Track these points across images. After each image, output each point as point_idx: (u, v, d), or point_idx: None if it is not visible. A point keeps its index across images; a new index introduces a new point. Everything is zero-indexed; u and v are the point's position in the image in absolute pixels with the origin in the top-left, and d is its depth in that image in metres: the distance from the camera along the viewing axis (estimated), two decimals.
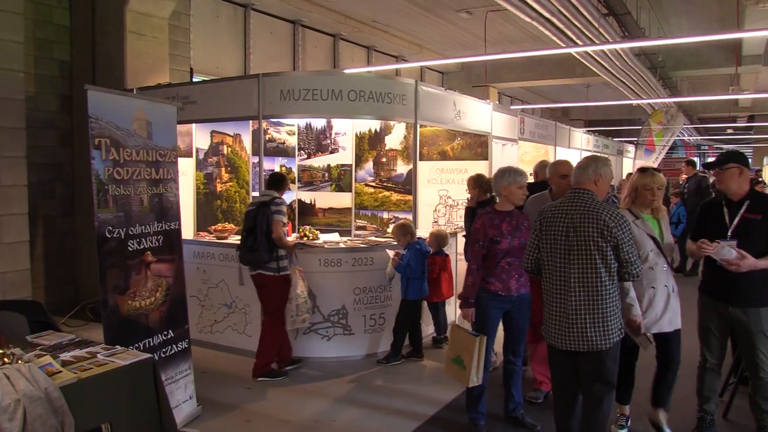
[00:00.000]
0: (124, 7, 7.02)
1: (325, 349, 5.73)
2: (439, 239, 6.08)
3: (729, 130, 28.59)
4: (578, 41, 9.11)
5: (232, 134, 6.85)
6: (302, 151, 7.54)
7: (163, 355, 4.16)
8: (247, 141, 6.86)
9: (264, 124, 6.38)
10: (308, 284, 5.37)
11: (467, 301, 4.09)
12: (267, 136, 7.00)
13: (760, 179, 17.90)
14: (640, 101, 15.17)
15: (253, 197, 6.57)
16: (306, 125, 7.48)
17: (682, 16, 12.04)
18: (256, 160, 6.47)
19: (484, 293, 4.10)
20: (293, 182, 7.42)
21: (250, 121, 6.53)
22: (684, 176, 11.76)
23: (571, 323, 3.34)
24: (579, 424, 3.52)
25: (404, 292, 5.60)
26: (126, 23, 7.05)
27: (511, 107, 14.14)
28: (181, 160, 5.55)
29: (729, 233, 3.84)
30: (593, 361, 3.36)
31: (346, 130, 7.41)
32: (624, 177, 14.36)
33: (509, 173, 4.15)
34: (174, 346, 4.29)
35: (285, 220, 5.13)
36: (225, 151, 6.87)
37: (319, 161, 7.52)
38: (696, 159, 18.60)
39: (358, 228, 7.39)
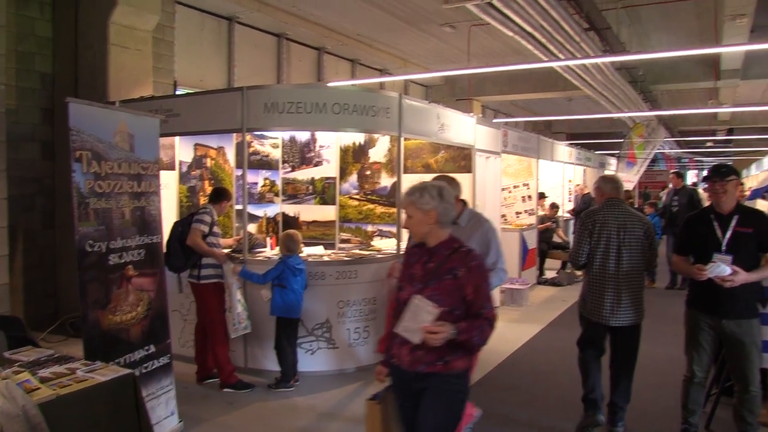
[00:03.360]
0: (108, 19, 6.99)
1: (309, 363, 5.69)
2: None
3: (709, 143, 28.97)
4: (560, 55, 9.21)
5: (215, 147, 6.83)
6: (286, 164, 7.52)
7: (144, 371, 4.10)
8: (230, 154, 6.84)
9: (248, 137, 6.38)
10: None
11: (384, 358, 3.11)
12: (251, 149, 6.98)
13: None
14: (621, 114, 15.34)
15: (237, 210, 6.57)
16: (290, 138, 7.48)
17: (662, 31, 12.23)
18: (239, 173, 6.45)
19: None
20: (277, 195, 7.40)
21: (234, 134, 6.51)
22: (670, 187, 11.48)
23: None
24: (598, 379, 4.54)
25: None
26: (109, 36, 7.02)
27: (495, 120, 14.23)
28: (163, 173, 5.52)
29: (724, 247, 3.87)
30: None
31: (331, 143, 7.42)
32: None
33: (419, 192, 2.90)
34: (155, 361, 4.24)
35: (203, 228, 5.22)
36: (208, 164, 6.84)
37: (303, 174, 7.51)
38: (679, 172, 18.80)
39: (343, 241, 7.38)
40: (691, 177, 41.42)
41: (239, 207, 6.48)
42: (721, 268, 3.74)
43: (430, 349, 2.73)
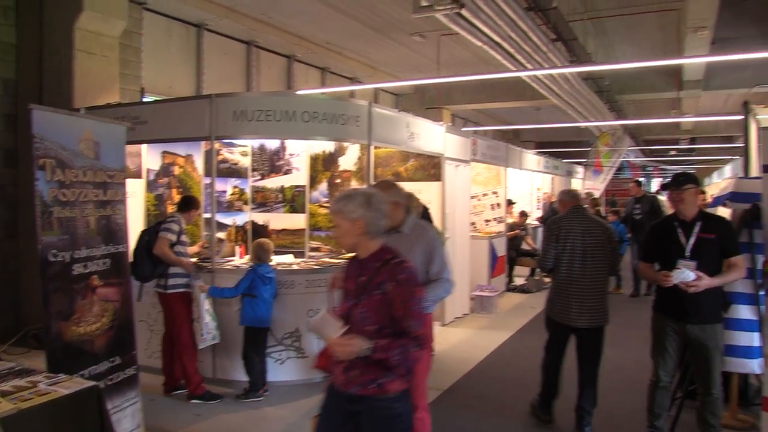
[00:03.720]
0: (73, 25, 6.88)
1: (278, 373, 5.65)
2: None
3: (672, 152, 29.62)
4: (528, 65, 9.34)
5: (183, 155, 6.75)
6: (256, 172, 7.47)
7: (109, 383, 4.03)
8: (199, 162, 6.77)
9: (216, 145, 6.32)
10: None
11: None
12: (219, 157, 6.92)
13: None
14: (587, 124, 15.59)
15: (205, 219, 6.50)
16: (259, 146, 7.43)
17: (627, 43, 12.49)
18: (208, 181, 6.39)
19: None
20: (246, 203, 7.34)
21: (203, 142, 6.45)
22: (632, 195, 11.53)
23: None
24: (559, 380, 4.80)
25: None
26: (75, 41, 6.90)
27: (464, 129, 14.35)
28: (130, 181, 5.45)
29: (688, 253, 3.96)
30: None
31: (301, 151, 7.39)
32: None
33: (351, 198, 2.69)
34: (121, 372, 4.16)
35: (170, 237, 5.17)
36: (176, 172, 6.76)
37: (273, 182, 7.46)
38: (643, 180, 19.15)
39: (313, 249, 7.34)
40: (655, 185, 42.25)
41: (207, 215, 6.41)
42: (686, 273, 3.83)
43: (364, 369, 2.58)
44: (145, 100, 8.51)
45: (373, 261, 2.65)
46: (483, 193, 11.41)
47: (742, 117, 6.56)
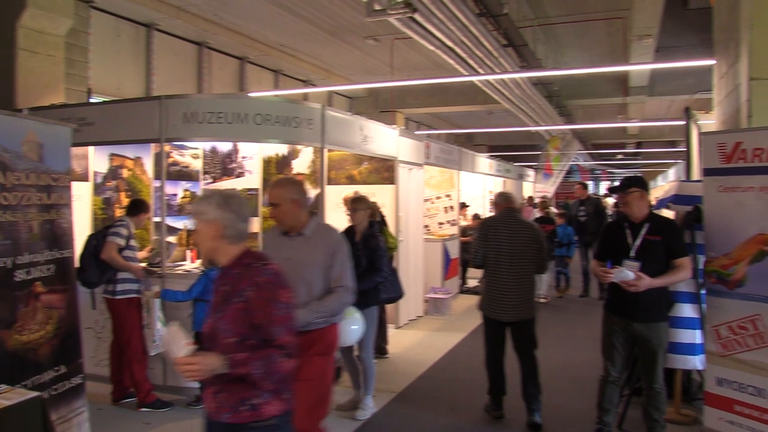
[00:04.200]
0: (16, 22, 6.64)
1: None
2: None
3: (619, 156, 30.48)
4: (480, 70, 9.47)
5: (132, 157, 6.61)
6: (207, 175, 7.36)
7: (54, 393, 3.90)
8: (148, 164, 6.63)
9: (167, 147, 6.21)
10: None
11: None
12: (170, 160, 6.79)
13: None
14: (538, 128, 15.91)
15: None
16: (211, 149, 7.32)
17: (576, 49, 12.79)
18: (158, 184, 6.27)
19: None
20: None
21: (152, 144, 6.33)
22: (576, 197, 11.69)
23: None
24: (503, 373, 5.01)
25: None
26: (17, 39, 6.66)
27: (417, 132, 14.45)
28: (76, 185, 5.29)
29: (632, 253, 4.10)
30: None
31: (253, 153, 7.32)
32: (524, 200, 14.90)
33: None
34: (66, 382, 4.04)
35: (119, 241, 5.05)
36: (125, 175, 6.61)
37: (225, 185, 7.36)
38: (590, 183, 19.60)
39: None
40: (603, 188, 43.28)
41: (158, 219, 6.29)
42: (625, 273, 3.98)
43: (230, 390, 2.31)
44: (92, 101, 8.28)
45: (234, 267, 2.44)
46: (436, 196, 11.51)
47: (684, 122, 6.79)
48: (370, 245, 4.95)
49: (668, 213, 5.22)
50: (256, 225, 7.26)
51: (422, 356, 6.82)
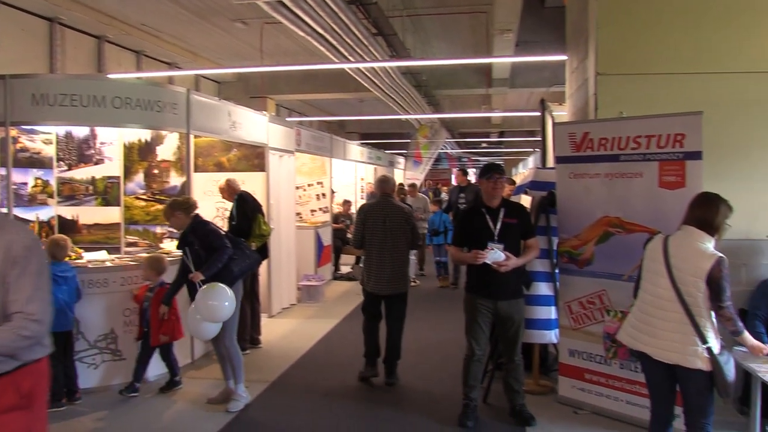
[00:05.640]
0: None
1: (92, 378, 5.27)
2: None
3: (484, 144, 31.94)
4: (350, 58, 9.52)
5: None
6: (62, 162, 6.85)
7: None
8: None
9: (13, 132, 5.72)
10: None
11: None
12: (18, 145, 6.24)
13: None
14: (408, 116, 16.27)
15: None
16: (66, 134, 6.81)
17: (442, 41, 13.18)
18: (3, 172, 5.75)
19: None
20: (51, 196, 6.71)
21: None
22: (454, 184, 11.92)
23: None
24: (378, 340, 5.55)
25: None
26: None
27: (288, 119, 14.30)
28: None
29: (496, 237, 4.35)
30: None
31: (113, 139, 6.89)
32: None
33: None
34: None
35: None
36: None
37: (82, 173, 6.89)
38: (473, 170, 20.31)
39: (129, 244, 6.91)
40: (472, 175, 44.95)
41: (4, 210, 5.77)
42: (498, 254, 4.25)
43: None
44: None
45: None
46: (308, 184, 11.48)
47: (540, 113, 7.24)
48: (199, 233, 4.88)
49: (526, 198, 5.56)
50: (117, 215, 6.89)
51: (296, 344, 6.80)
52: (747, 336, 3.25)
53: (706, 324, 3.15)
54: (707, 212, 3.25)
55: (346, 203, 12.07)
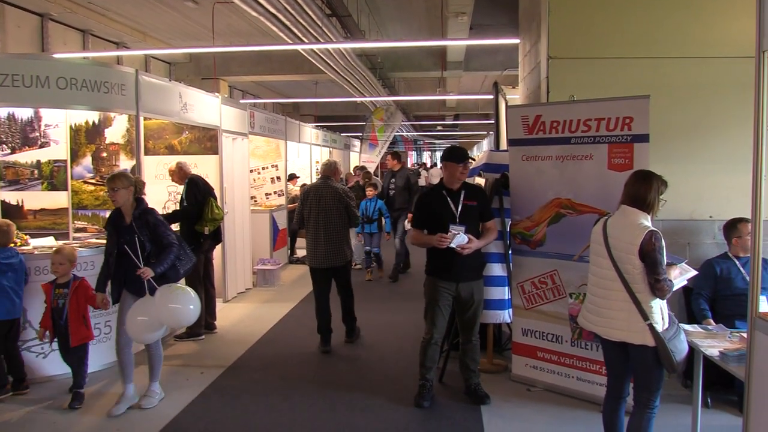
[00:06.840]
0: None
1: (42, 368, 5.14)
2: (73, 258, 4.81)
3: (439, 127, 32.10)
4: (304, 39, 9.41)
5: None
6: (4, 145, 6.61)
7: None
8: None
9: None
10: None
11: None
12: None
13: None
14: (363, 99, 16.21)
15: None
16: (8, 115, 6.56)
17: (397, 23, 13.15)
18: None
19: None
20: None
21: None
22: (388, 169, 10.70)
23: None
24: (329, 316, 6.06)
25: None
26: None
27: (242, 101, 14.07)
28: None
29: (458, 219, 4.38)
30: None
31: (59, 121, 6.67)
32: (351, 170, 15.17)
33: None
34: None
35: None
36: None
37: (27, 156, 6.66)
38: (413, 153, 20.33)
39: (78, 230, 6.73)
40: (426, 158, 45.35)
41: None
42: (461, 237, 4.28)
43: None
44: None
45: None
46: (263, 167, 11.36)
47: (493, 96, 7.30)
48: (149, 222, 4.47)
49: (480, 180, 5.63)
50: (65, 200, 6.69)
51: (251, 329, 6.76)
52: (671, 272, 3.28)
53: (648, 300, 3.20)
54: (640, 189, 3.30)
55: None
